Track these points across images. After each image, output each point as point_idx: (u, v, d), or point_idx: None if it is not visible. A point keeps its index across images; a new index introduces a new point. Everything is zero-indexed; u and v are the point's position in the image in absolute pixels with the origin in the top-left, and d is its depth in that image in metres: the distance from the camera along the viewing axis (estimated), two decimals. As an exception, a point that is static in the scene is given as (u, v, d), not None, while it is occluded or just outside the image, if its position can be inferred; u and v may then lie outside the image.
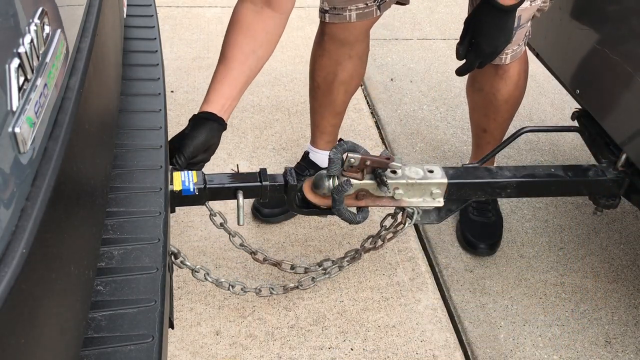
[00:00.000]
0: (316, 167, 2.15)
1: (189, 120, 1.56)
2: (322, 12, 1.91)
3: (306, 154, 2.24)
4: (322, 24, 1.95)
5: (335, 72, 1.99)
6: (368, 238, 1.73)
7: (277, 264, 1.73)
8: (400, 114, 2.87)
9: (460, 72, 1.70)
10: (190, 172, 1.57)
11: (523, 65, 1.98)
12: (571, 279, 2.07)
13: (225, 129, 1.58)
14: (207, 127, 1.54)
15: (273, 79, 3.04)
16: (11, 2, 0.66)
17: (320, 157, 2.18)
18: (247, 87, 1.63)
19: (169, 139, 1.50)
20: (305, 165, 2.20)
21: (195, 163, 1.55)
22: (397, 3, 1.96)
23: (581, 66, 1.94)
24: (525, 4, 1.73)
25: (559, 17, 1.98)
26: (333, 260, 1.74)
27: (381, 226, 1.69)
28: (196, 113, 1.58)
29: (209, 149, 1.56)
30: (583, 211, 2.36)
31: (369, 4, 1.86)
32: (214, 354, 1.72)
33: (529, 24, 1.86)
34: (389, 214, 1.68)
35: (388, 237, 1.69)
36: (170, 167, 1.48)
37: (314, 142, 2.22)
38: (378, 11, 1.89)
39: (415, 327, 1.85)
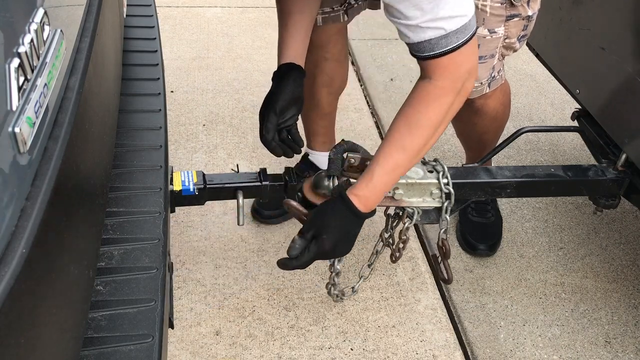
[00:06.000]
0: (315, 168, 2.14)
1: (272, 79, 1.56)
2: None
3: (306, 155, 2.24)
4: None
5: (314, 74, 1.97)
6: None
7: None
8: (400, 114, 2.86)
9: (285, 265, 1.42)
10: (190, 172, 1.57)
11: (500, 101, 1.93)
12: (571, 279, 2.07)
13: (305, 76, 1.57)
14: (291, 77, 1.53)
15: (273, 79, 3.04)
16: (11, 2, 0.66)
17: (319, 158, 2.18)
18: (310, 33, 1.64)
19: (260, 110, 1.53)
20: (306, 166, 2.20)
21: (286, 120, 1.54)
22: (369, 8, 1.95)
23: (581, 66, 1.94)
24: (483, 32, 1.68)
25: (559, 17, 1.98)
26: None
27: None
28: (275, 70, 1.58)
29: (298, 100, 1.55)
30: (583, 211, 2.36)
31: (335, 9, 1.84)
32: (214, 354, 1.72)
33: (495, 60, 1.77)
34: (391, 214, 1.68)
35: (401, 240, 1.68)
36: (264, 133, 1.50)
37: (309, 144, 2.22)
38: (345, 16, 1.88)
39: (415, 327, 1.85)
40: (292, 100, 1.53)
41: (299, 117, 1.64)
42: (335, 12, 1.85)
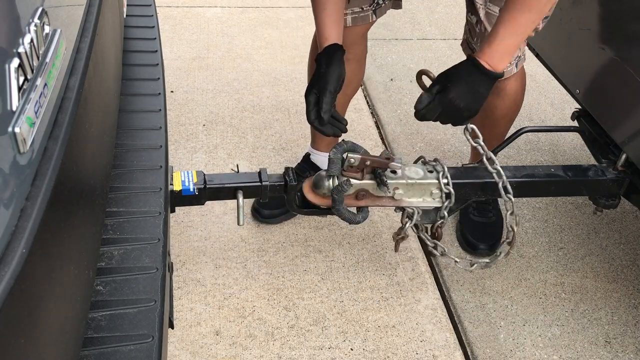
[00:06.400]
0: (317, 169, 2.14)
1: (319, 61, 1.59)
2: None
3: (307, 155, 2.24)
4: None
5: None
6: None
7: None
8: (400, 114, 2.87)
9: (418, 114, 1.55)
10: (190, 172, 1.57)
11: (521, 82, 1.96)
12: (571, 279, 2.07)
13: (344, 53, 1.62)
14: (336, 58, 1.58)
15: (273, 79, 3.04)
16: (11, 2, 0.66)
17: (321, 159, 2.18)
18: (343, 16, 1.71)
19: (306, 91, 1.59)
20: (307, 167, 2.20)
21: (336, 95, 1.59)
22: (392, 8, 1.96)
23: (581, 66, 1.94)
24: None
25: (559, 17, 1.98)
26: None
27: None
28: (320, 52, 1.61)
29: (343, 80, 1.60)
30: (583, 211, 2.36)
31: (365, 8, 1.86)
32: (214, 354, 1.72)
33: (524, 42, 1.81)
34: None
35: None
36: (322, 115, 1.55)
37: (314, 144, 2.22)
38: (374, 16, 1.90)
39: (415, 327, 1.85)
40: (340, 80, 1.58)
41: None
42: (365, 12, 1.87)
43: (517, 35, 1.48)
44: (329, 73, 1.55)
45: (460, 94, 1.48)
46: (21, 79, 0.65)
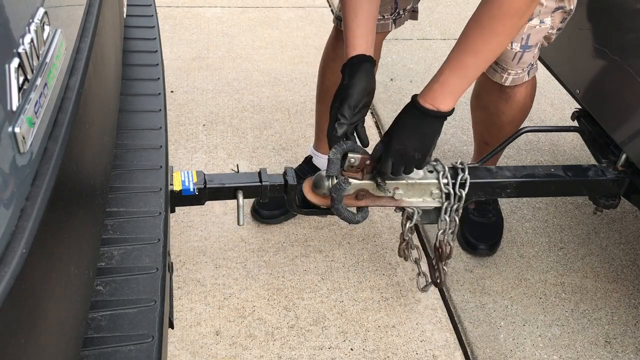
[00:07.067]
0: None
1: (344, 71, 1.52)
2: (339, 19, 1.89)
3: (309, 158, 2.23)
4: (338, 30, 1.94)
5: None
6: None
7: None
8: (400, 114, 2.87)
9: (378, 173, 1.54)
10: (190, 172, 1.57)
11: (531, 89, 1.95)
12: (571, 279, 2.07)
13: (375, 65, 1.56)
14: (363, 70, 1.50)
15: (273, 79, 3.04)
16: (11, 2, 0.66)
17: (324, 162, 2.17)
18: (376, 23, 1.61)
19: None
20: (308, 169, 2.18)
21: (360, 110, 1.52)
22: (410, 19, 1.96)
23: (581, 66, 1.94)
24: (534, 22, 1.70)
25: (559, 17, 1.98)
26: None
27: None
28: (345, 62, 1.53)
29: (370, 93, 1.53)
30: (583, 211, 2.36)
31: (386, 17, 1.86)
32: (214, 354, 1.72)
33: (536, 50, 1.81)
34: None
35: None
36: (337, 130, 1.48)
37: (317, 146, 2.20)
38: (393, 25, 1.90)
39: (415, 327, 1.85)
40: (365, 94, 1.51)
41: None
42: (385, 20, 1.87)
43: (462, 78, 1.42)
44: (351, 85, 1.48)
45: (404, 141, 1.45)
46: (21, 79, 0.65)
